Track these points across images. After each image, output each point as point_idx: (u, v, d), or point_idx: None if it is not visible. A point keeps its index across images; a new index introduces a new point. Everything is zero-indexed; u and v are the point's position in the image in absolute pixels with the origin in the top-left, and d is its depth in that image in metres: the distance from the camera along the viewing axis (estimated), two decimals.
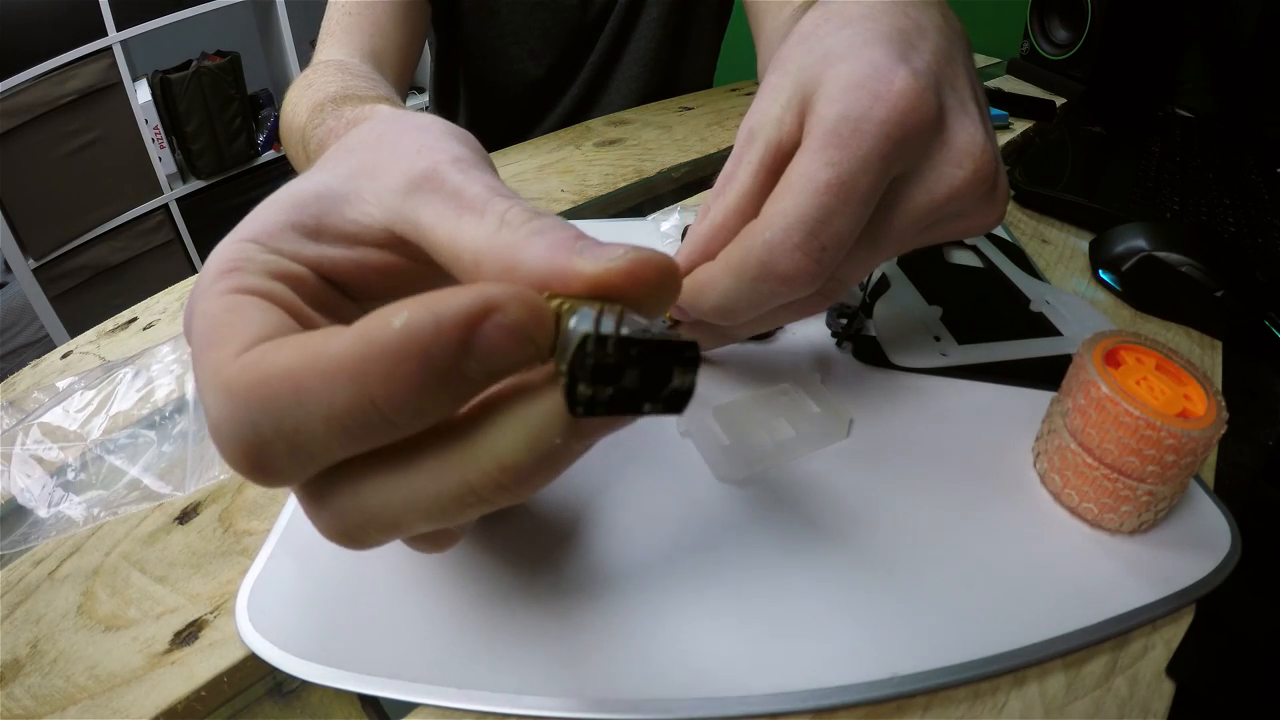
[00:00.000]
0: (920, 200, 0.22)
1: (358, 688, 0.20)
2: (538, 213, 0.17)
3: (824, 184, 0.20)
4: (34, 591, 0.24)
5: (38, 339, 1.49)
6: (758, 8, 0.52)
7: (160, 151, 1.53)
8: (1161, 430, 0.21)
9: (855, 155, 0.20)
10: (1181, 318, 0.37)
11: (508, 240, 0.16)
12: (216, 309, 0.15)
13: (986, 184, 0.22)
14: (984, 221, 0.24)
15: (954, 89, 0.22)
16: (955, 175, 0.22)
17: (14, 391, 0.34)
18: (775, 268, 0.21)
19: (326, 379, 0.12)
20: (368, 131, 0.20)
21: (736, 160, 0.24)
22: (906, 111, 0.20)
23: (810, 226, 0.21)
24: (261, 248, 0.17)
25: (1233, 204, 0.48)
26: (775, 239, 0.21)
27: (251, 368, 0.13)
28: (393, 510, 0.14)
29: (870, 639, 0.21)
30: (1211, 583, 0.23)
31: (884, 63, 0.21)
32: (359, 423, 0.13)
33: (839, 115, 0.20)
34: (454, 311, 0.12)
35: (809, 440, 0.27)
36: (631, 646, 0.21)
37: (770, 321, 0.26)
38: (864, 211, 0.21)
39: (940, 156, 0.22)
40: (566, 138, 0.61)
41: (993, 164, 0.22)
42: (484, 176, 0.18)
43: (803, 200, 0.21)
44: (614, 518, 0.25)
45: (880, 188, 0.21)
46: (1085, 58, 0.71)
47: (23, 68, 1.28)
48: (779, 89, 0.23)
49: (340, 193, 0.18)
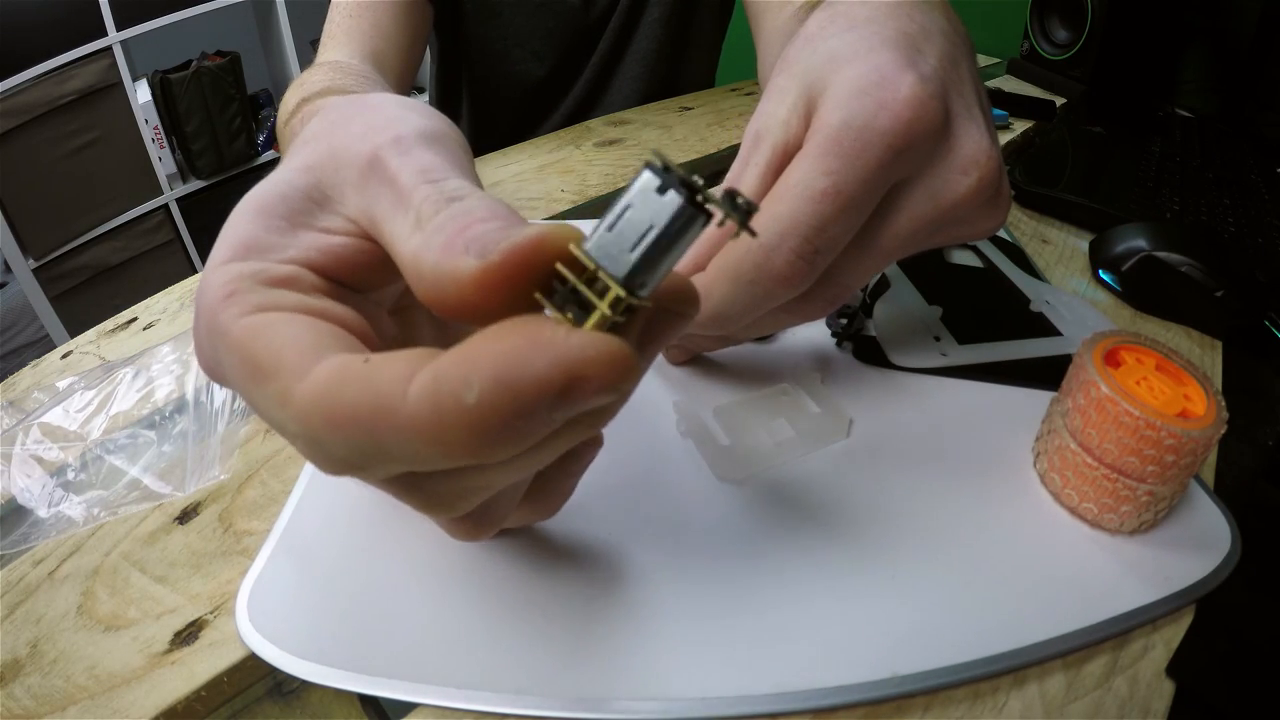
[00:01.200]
0: (924, 207, 0.22)
1: (358, 688, 0.20)
2: (453, 196, 0.15)
3: (820, 192, 0.20)
4: (34, 591, 0.24)
5: (38, 339, 1.49)
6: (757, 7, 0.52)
7: (160, 151, 1.53)
8: (1161, 430, 0.21)
9: (855, 164, 0.20)
10: (1181, 318, 0.37)
11: (417, 246, 0.14)
12: (244, 338, 0.14)
13: (990, 190, 0.22)
14: (986, 227, 0.24)
15: (960, 95, 0.22)
16: (960, 183, 0.22)
17: (14, 391, 0.34)
18: (770, 271, 0.21)
19: (400, 434, 0.12)
20: (321, 120, 0.18)
21: (743, 163, 0.24)
22: (912, 121, 0.20)
23: (805, 233, 0.21)
24: (246, 262, 0.16)
25: (1233, 204, 0.48)
26: (770, 243, 0.21)
27: (322, 405, 0.13)
28: (480, 485, 0.15)
29: (870, 639, 0.21)
30: (1211, 583, 0.23)
31: (890, 69, 0.21)
32: (438, 465, 0.13)
33: (842, 122, 0.20)
34: (535, 388, 0.11)
35: (809, 440, 0.27)
36: (632, 647, 0.21)
37: (771, 325, 0.26)
38: (860, 218, 0.21)
39: (945, 164, 0.22)
40: (566, 138, 0.61)
41: (997, 171, 0.22)
42: (423, 156, 0.16)
43: (799, 206, 0.21)
44: (614, 518, 0.25)
45: (879, 195, 0.21)
46: (1085, 58, 0.71)
47: (23, 68, 1.28)
48: (785, 91, 0.23)
49: (303, 189, 0.17)
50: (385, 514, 0.25)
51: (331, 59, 0.49)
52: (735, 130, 0.62)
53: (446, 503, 0.16)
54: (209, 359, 0.16)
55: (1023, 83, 0.77)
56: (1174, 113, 0.68)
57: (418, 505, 0.16)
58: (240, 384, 0.14)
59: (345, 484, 0.26)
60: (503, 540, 0.24)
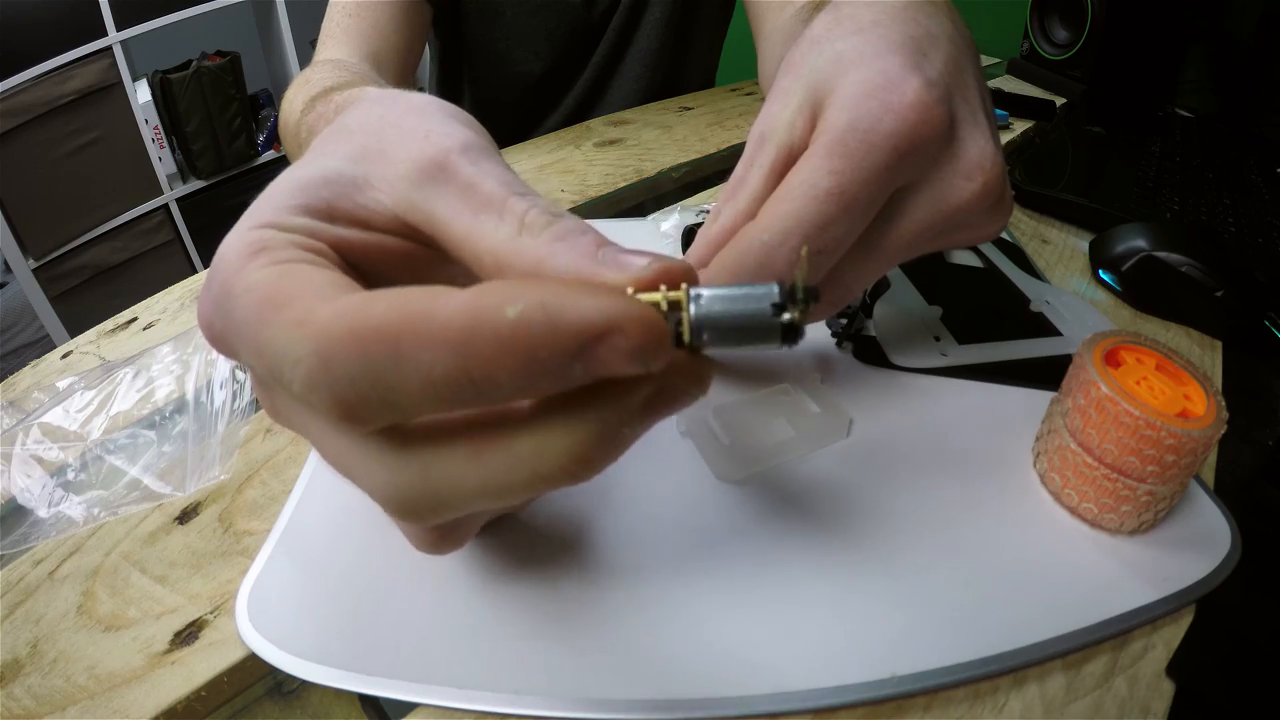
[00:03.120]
0: (927, 211, 0.22)
1: (358, 688, 0.20)
2: (555, 213, 0.17)
3: (824, 192, 0.20)
4: (34, 591, 0.24)
5: (38, 339, 1.49)
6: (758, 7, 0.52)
7: (160, 151, 1.53)
8: (1161, 430, 0.21)
9: (860, 166, 0.20)
10: (1181, 318, 0.37)
11: (529, 247, 0.16)
12: (267, 278, 0.14)
13: (994, 196, 0.22)
14: (989, 231, 0.24)
15: (965, 100, 0.22)
16: (964, 188, 0.22)
17: (14, 391, 0.34)
18: (772, 270, 0.21)
19: (427, 345, 0.12)
20: (365, 113, 0.19)
21: (748, 164, 0.24)
22: (917, 124, 0.20)
23: (807, 232, 0.21)
24: (279, 230, 0.16)
25: (1233, 204, 0.48)
26: (773, 242, 0.21)
27: (346, 317, 0.13)
28: (459, 487, 0.15)
29: (870, 639, 0.21)
30: (1211, 583, 0.23)
31: (896, 73, 0.21)
32: (452, 391, 0.13)
33: (848, 124, 0.20)
34: (574, 322, 0.12)
35: (809, 440, 0.27)
36: (631, 647, 0.21)
37: None
38: (863, 220, 0.21)
39: (949, 169, 0.22)
40: (567, 138, 0.61)
41: (1001, 178, 0.22)
42: (496, 169, 0.17)
43: (802, 206, 0.21)
44: (614, 518, 0.25)
45: (883, 198, 0.21)
46: (1085, 58, 0.71)
47: (23, 68, 1.28)
48: (790, 93, 0.23)
49: (348, 177, 0.18)
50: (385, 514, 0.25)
51: (331, 58, 0.49)
52: (735, 130, 0.62)
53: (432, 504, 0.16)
54: (214, 302, 0.15)
55: (1023, 83, 0.77)
56: (1174, 113, 0.68)
57: (402, 503, 0.16)
58: (253, 321, 0.14)
59: (346, 484, 0.26)
60: (503, 541, 0.24)
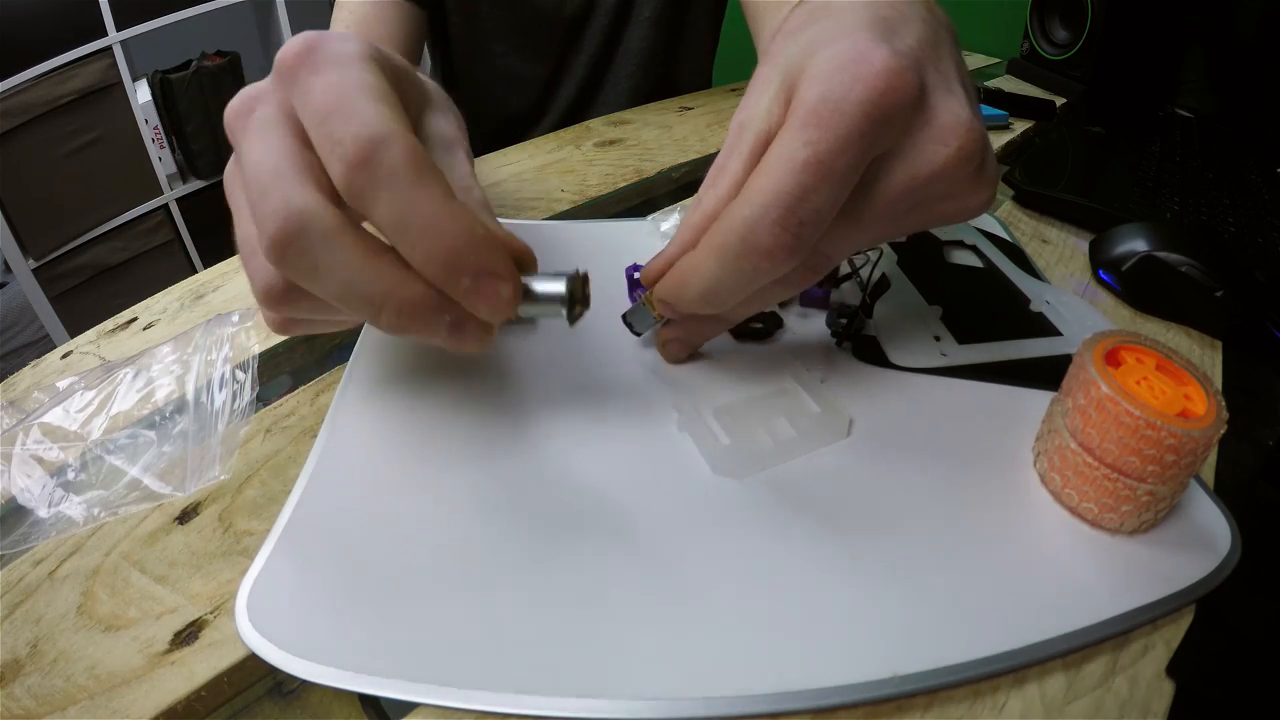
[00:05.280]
0: (903, 177, 0.22)
1: (358, 688, 0.20)
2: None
3: (801, 162, 0.21)
4: (34, 591, 0.24)
5: (38, 339, 1.49)
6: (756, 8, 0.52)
7: (160, 151, 1.53)
8: (1161, 430, 0.21)
9: (834, 134, 0.20)
10: (1181, 318, 0.37)
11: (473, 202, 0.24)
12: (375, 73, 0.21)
13: (972, 162, 0.22)
14: (973, 202, 0.24)
15: (937, 70, 0.23)
16: (939, 152, 0.22)
17: (14, 391, 0.34)
18: (755, 244, 0.22)
19: (437, 222, 0.20)
20: None
21: (728, 152, 0.25)
22: (886, 91, 0.21)
23: (787, 203, 0.21)
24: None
25: (1233, 204, 0.48)
26: (754, 215, 0.21)
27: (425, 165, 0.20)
28: (334, 270, 0.20)
29: (870, 639, 0.21)
30: (1211, 583, 0.23)
31: (865, 46, 0.21)
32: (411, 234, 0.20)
33: (819, 97, 0.21)
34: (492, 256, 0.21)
35: (809, 440, 0.27)
36: (631, 646, 0.21)
37: (759, 301, 0.26)
38: (843, 189, 0.21)
39: (923, 135, 0.22)
40: (566, 138, 0.61)
41: (978, 142, 0.22)
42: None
43: (780, 178, 0.21)
44: (613, 518, 0.25)
45: (860, 166, 0.22)
46: (1085, 58, 0.71)
47: (23, 68, 1.28)
48: (767, 81, 0.23)
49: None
50: (386, 513, 0.25)
51: None
52: None
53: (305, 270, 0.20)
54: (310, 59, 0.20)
55: (1023, 83, 0.77)
56: (1174, 113, 0.68)
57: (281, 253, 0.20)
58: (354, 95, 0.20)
59: (346, 484, 0.26)
60: (502, 541, 0.24)
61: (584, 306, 0.24)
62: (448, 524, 0.24)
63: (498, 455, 0.27)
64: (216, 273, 0.42)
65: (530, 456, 0.27)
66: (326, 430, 0.29)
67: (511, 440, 0.28)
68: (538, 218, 0.46)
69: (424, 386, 0.30)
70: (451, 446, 0.27)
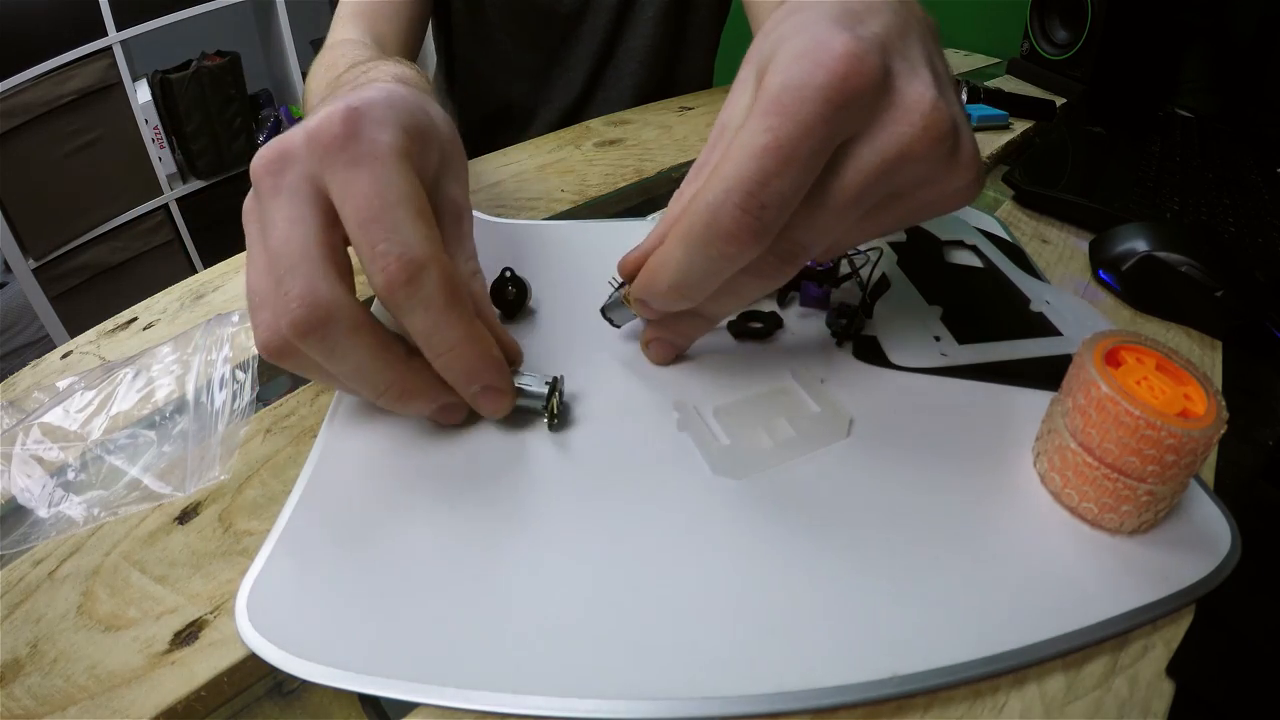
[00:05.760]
0: (871, 160, 0.22)
1: (358, 688, 0.20)
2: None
3: (761, 147, 0.21)
4: (34, 591, 0.24)
5: (38, 339, 1.49)
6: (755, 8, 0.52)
7: (160, 151, 1.53)
8: (1161, 430, 0.21)
9: (794, 120, 0.21)
10: (1181, 318, 0.37)
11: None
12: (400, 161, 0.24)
13: (943, 142, 0.22)
14: (952, 186, 0.23)
15: (903, 56, 0.23)
16: (904, 133, 0.22)
17: (14, 391, 0.34)
18: (718, 228, 0.22)
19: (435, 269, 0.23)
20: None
21: (709, 149, 0.26)
22: (847, 75, 0.21)
23: (748, 187, 0.21)
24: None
25: (1233, 204, 0.48)
26: (715, 200, 0.21)
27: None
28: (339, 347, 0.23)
29: (870, 639, 0.21)
30: (1211, 583, 0.23)
31: (826, 34, 0.21)
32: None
33: (780, 84, 0.21)
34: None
35: (809, 440, 0.27)
36: (631, 646, 0.21)
37: (733, 295, 0.26)
38: (805, 173, 0.21)
39: (888, 116, 0.22)
40: (567, 138, 0.61)
41: (947, 121, 0.22)
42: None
43: (741, 163, 0.21)
44: (613, 518, 0.25)
45: (823, 151, 0.21)
46: (1085, 58, 0.71)
47: (23, 68, 1.28)
48: (745, 81, 0.24)
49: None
50: (385, 513, 0.25)
51: (345, 38, 0.53)
52: None
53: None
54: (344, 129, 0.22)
55: (1023, 83, 0.77)
56: (1174, 113, 0.68)
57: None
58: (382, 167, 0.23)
59: (346, 484, 0.26)
60: (502, 541, 0.24)
61: (560, 418, 0.28)
62: (447, 524, 0.24)
63: (497, 455, 0.27)
64: (216, 273, 0.42)
65: (530, 457, 0.27)
66: (326, 430, 0.29)
67: (511, 440, 0.28)
68: (538, 218, 0.46)
69: None
70: (451, 447, 0.27)
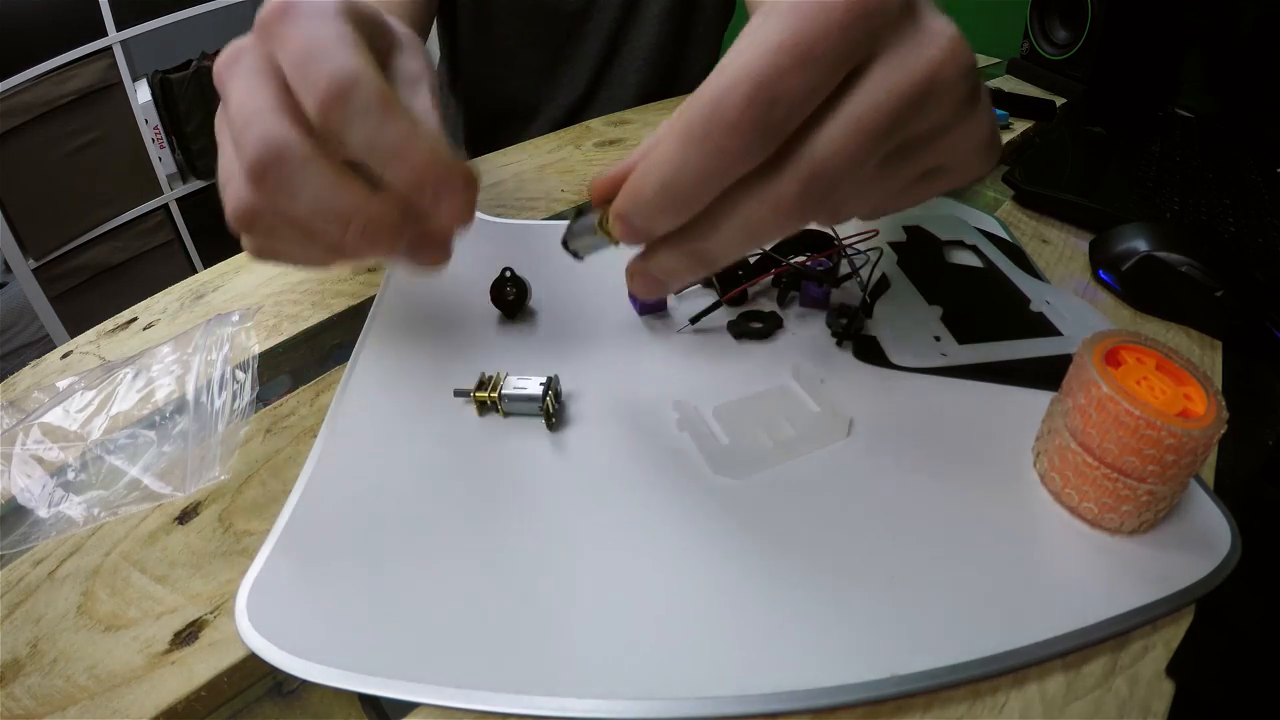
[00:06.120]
0: (895, 75, 0.21)
1: (358, 688, 0.20)
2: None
3: (777, 43, 0.19)
4: (34, 591, 0.24)
5: (38, 339, 1.49)
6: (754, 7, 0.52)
7: (160, 151, 1.53)
8: (1162, 430, 0.21)
9: (814, 20, 0.19)
10: (1181, 318, 0.37)
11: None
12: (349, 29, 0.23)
13: (966, 80, 0.21)
14: (972, 141, 0.23)
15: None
16: (931, 55, 0.21)
17: (14, 391, 0.34)
18: (720, 118, 0.19)
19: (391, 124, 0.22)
20: None
21: None
22: None
23: (759, 80, 0.19)
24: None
25: (1233, 204, 0.48)
26: (721, 90, 0.19)
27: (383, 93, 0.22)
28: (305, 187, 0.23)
29: (870, 639, 0.21)
30: (1211, 583, 0.23)
31: None
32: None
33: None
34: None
35: (809, 440, 0.27)
36: (632, 646, 0.21)
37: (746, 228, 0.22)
38: (821, 77, 0.20)
39: (912, 39, 0.21)
40: (567, 138, 0.61)
41: (970, 58, 0.21)
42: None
43: (753, 57, 0.19)
44: (612, 518, 0.25)
45: (842, 61, 0.20)
46: (1085, 58, 0.71)
47: (23, 68, 1.28)
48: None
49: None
50: (385, 513, 0.25)
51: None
52: None
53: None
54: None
55: (1023, 83, 0.77)
56: (1174, 113, 0.68)
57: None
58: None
59: (346, 484, 0.26)
60: (502, 541, 0.24)
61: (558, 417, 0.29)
62: (447, 524, 0.24)
63: (497, 456, 0.27)
64: (216, 273, 0.42)
65: (529, 457, 0.27)
66: (326, 430, 0.29)
67: (511, 441, 0.28)
68: (538, 218, 0.46)
69: (424, 387, 0.30)
70: (451, 447, 0.27)
